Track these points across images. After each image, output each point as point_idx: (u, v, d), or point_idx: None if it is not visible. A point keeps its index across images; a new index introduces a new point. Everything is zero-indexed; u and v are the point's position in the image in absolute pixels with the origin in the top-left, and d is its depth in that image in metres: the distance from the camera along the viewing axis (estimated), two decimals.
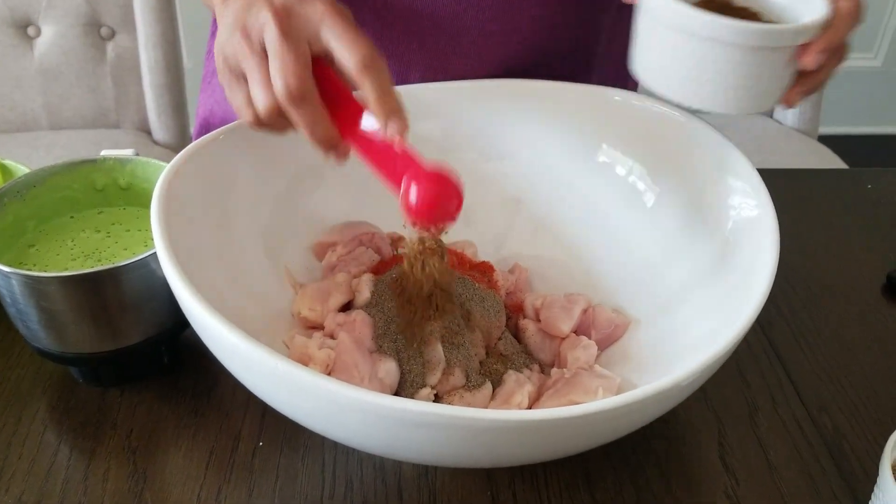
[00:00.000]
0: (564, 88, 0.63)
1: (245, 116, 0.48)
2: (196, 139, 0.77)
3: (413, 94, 0.62)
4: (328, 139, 0.47)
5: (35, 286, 0.50)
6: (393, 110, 0.46)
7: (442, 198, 0.46)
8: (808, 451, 0.53)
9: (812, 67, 0.49)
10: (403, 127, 0.46)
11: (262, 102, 0.46)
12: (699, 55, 0.48)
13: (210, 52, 0.77)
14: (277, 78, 0.45)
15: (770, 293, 0.46)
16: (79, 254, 0.55)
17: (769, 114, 1.75)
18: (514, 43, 0.66)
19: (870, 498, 0.48)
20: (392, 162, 0.46)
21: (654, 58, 0.51)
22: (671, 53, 0.50)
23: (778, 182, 0.58)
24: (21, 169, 0.62)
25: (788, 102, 0.52)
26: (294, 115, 0.46)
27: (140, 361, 0.55)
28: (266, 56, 0.46)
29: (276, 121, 0.47)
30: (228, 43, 0.47)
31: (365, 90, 0.46)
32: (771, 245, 0.49)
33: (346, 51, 0.45)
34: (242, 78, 0.47)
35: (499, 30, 0.65)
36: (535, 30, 0.66)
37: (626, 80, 0.72)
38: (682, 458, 0.52)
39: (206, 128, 0.77)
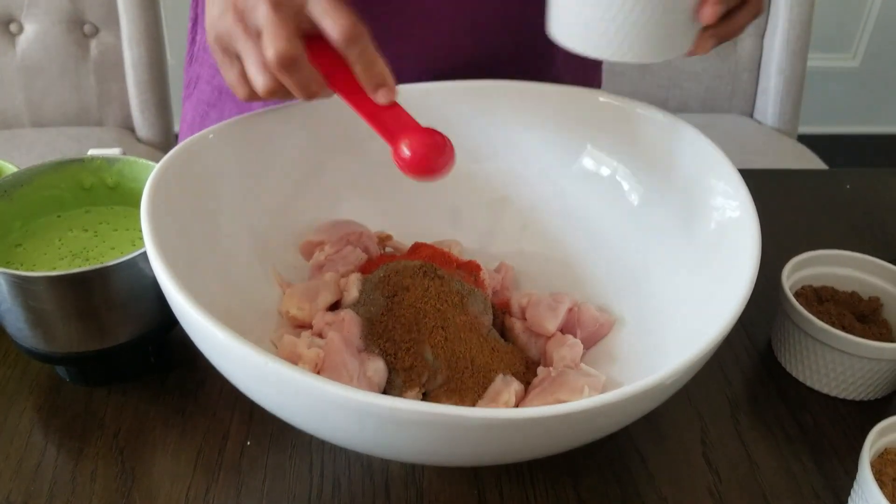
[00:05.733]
0: (550, 89, 0.63)
1: (240, 94, 0.50)
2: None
3: (401, 95, 0.63)
4: (320, 94, 0.49)
5: (22, 285, 0.50)
6: (378, 79, 0.49)
7: (433, 151, 0.51)
8: (789, 448, 0.54)
9: (709, 21, 0.49)
10: (391, 94, 0.50)
11: (260, 82, 0.48)
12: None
13: (192, 59, 0.78)
14: (269, 48, 0.46)
15: (751, 292, 0.47)
16: (66, 253, 0.55)
17: (749, 114, 1.77)
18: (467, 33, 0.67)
19: (849, 494, 0.49)
20: (386, 120, 0.51)
21: (564, 13, 0.51)
22: (581, 3, 0.50)
23: (758, 182, 0.59)
24: (9, 168, 0.62)
25: (699, 48, 0.51)
26: (288, 79, 0.47)
27: (127, 361, 0.55)
28: (259, 36, 0.47)
29: (272, 96, 0.49)
30: (221, 21, 0.49)
31: (351, 62, 0.48)
32: (752, 245, 0.50)
33: (330, 22, 0.47)
34: (236, 57, 0.49)
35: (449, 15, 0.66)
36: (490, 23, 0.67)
37: (588, 80, 0.74)
38: (666, 456, 0.53)
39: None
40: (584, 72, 0.76)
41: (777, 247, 0.70)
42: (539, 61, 0.71)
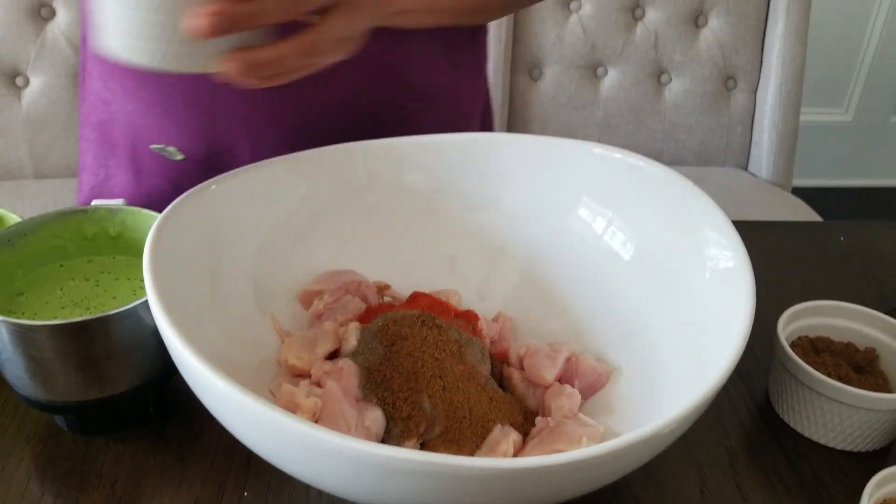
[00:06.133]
0: (546, 141, 0.65)
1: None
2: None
3: (400, 147, 0.65)
4: None
5: (24, 334, 0.50)
6: None
7: None
8: (788, 498, 0.54)
9: (194, 33, 0.43)
10: None
11: None
12: None
13: (83, 100, 0.79)
14: None
15: (747, 343, 0.47)
16: (68, 302, 0.56)
17: (743, 166, 1.79)
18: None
19: None
20: None
21: (99, 22, 0.49)
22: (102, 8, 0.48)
23: (753, 234, 0.60)
24: (13, 218, 0.63)
25: (228, 70, 0.46)
26: None
27: (127, 410, 0.56)
28: None
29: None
30: None
31: None
32: (747, 297, 0.50)
33: None
34: None
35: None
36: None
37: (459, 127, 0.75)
38: None
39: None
40: (453, 121, 0.76)
41: (772, 298, 0.70)
42: (396, 111, 0.73)
